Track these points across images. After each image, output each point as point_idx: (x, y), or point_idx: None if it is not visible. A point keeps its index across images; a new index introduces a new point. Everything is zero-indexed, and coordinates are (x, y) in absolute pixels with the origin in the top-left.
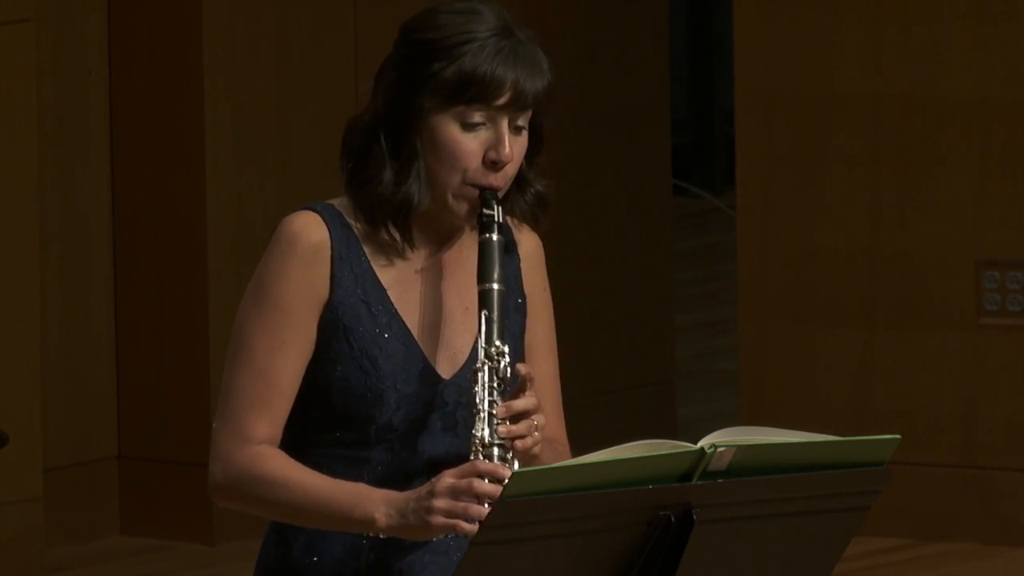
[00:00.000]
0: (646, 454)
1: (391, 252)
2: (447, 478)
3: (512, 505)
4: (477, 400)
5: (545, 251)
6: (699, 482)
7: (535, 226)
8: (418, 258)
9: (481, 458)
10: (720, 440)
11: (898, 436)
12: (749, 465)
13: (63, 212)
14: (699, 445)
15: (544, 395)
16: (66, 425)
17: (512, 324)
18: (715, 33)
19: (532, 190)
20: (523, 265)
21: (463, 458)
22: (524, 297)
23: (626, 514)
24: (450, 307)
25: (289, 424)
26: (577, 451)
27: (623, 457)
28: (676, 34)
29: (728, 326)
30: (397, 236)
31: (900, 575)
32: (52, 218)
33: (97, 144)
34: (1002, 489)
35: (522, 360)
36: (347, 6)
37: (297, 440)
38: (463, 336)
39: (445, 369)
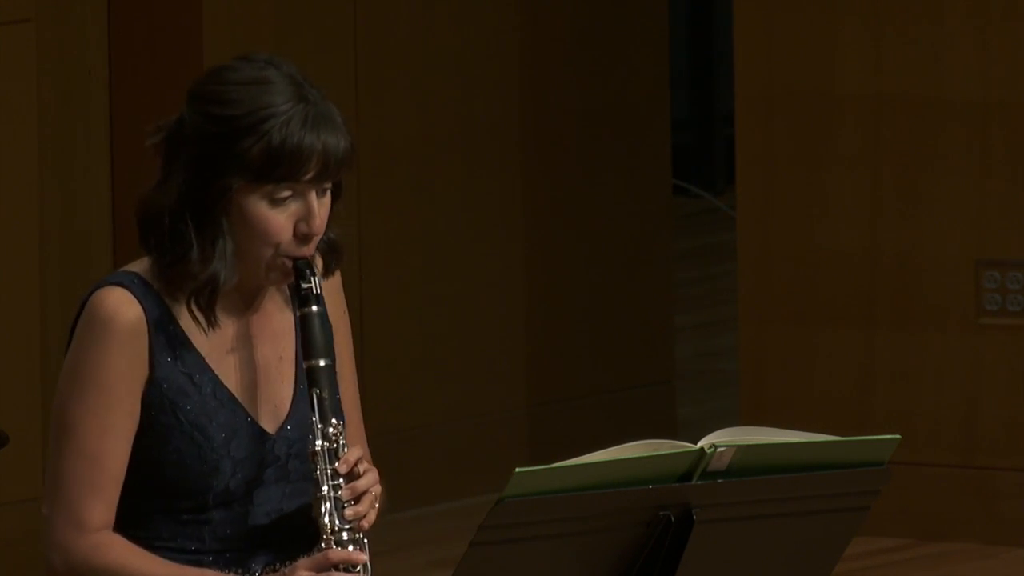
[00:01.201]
0: (646, 454)
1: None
2: (302, 572)
3: (512, 505)
4: (320, 483)
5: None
6: (699, 482)
7: (326, 274)
8: (228, 319)
9: (333, 546)
10: (720, 440)
11: (898, 436)
12: (749, 465)
13: (63, 212)
14: (699, 445)
15: (349, 420)
16: None
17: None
18: (715, 33)
19: (324, 238)
20: (327, 299)
21: (300, 504)
22: (330, 324)
23: (626, 514)
24: (265, 360)
25: (125, 495)
26: (577, 451)
27: (623, 457)
28: (676, 34)
29: (728, 326)
30: (201, 316)
31: (900, 575)
32: (52, 218)
33: (97, 144)
34: (1002, 489)
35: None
36: (347, 6)
37: (133, 510)
38: (282, 387)
39: (269, 424)
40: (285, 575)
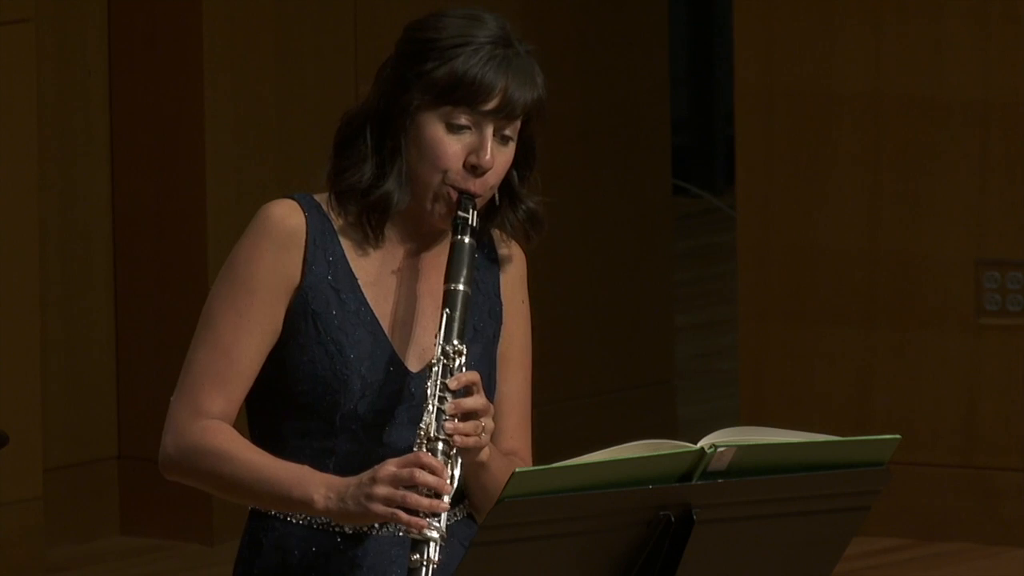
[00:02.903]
0: (646, 454)
1: (367, 246)
2: (389, 466)
3: (512, 505)
4: (428, 394)
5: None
6: (699, 482)
7: (525, 243)
8: (396, 256)
9: (425, 451)
10: (720, 440)
11: (898, 436)
12: (749, 465)
13: (63, 212)
14: (699, 445)
15: (510, 408)
16: (66, 425)
17: (486, 328)
18: (715, 33)
19: (524, 207)
20: (504, 276)
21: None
22: (501, 305)
23: (626, 514)
24: (423, 306)
25: (260, 416)
26: (577, 451)
27: (623, 457)
28: (676, 34)
29: (728, 326)
30: (370, 232)
31: (900, 575)
32: (52, 218)
33: (97, 144)
34: (1002, 489)
35: (493, 365)
36: (347, 6)
37: (268, 433)
38: (435, 335)
39: (414, 363)
40: (375, 470)
